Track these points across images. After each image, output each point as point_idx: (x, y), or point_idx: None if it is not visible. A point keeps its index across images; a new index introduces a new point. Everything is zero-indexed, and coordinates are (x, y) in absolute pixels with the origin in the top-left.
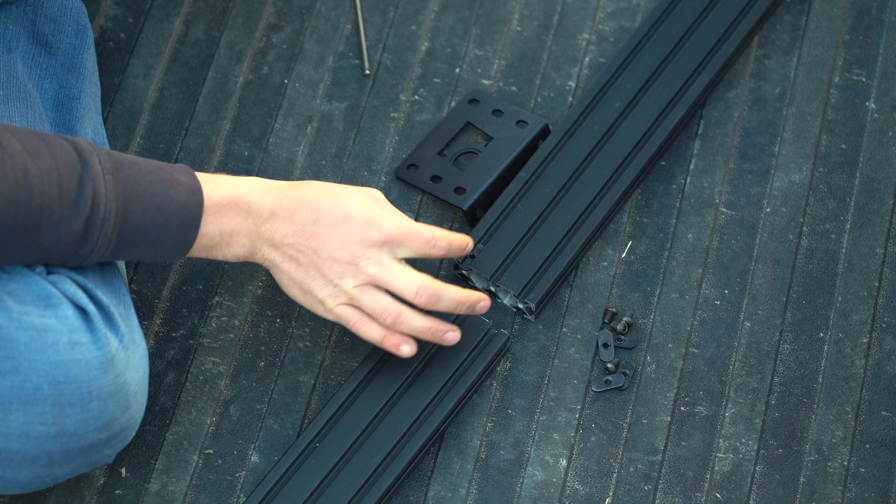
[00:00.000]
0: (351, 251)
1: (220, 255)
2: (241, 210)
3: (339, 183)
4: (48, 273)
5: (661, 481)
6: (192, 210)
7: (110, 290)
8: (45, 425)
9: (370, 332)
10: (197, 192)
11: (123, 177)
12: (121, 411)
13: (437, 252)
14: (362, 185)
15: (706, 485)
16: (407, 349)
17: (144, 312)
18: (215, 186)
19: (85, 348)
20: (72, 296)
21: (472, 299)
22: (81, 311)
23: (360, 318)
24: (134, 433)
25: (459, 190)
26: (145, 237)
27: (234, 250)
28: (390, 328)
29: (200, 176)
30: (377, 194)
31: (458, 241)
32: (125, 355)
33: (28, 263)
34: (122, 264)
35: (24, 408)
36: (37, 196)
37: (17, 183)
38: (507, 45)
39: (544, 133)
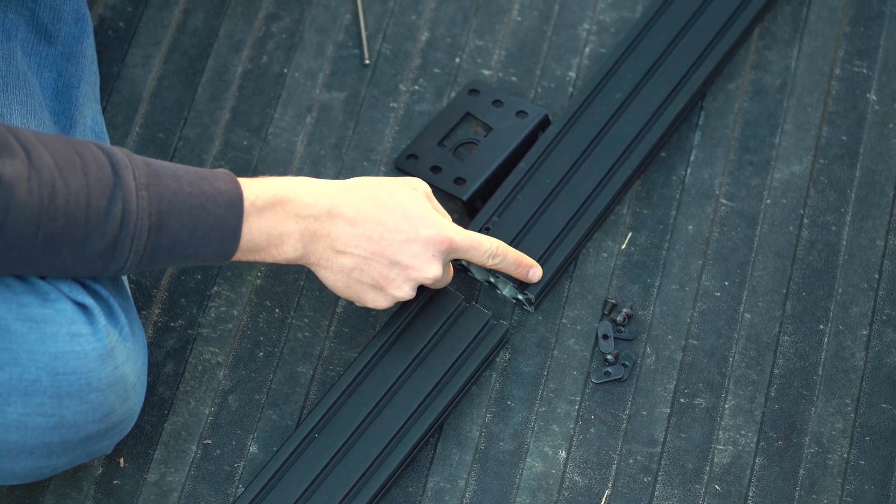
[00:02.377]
0: (423, 268)
1: (269, 257)
2: (290, 212)
3: (338, 175)
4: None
5: (660, 473)
6: (231, 222)
7: (109, 281)
8: (44, 416)
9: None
10: (237, 204)
11: (160, 190)
12: (120, 402)
13: (491, 263)
14: (361, 175)
15: (705, 477)
16: None
17: (143, 302)
18: (259, 190)
19: (84, 340)
20: (68, 292)
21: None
22: (80, 305)
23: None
24: (133, 424)
25: (459, 181)
26: (182, 250)
27: (286, 253)
28: None
29: (243, 181)
30: (426, 188)
31: (525, 262)
32: (124, 347)
33: (53, 276)
34: None
35: (23, 399)
36: (61, 217)
37: (42, 204)
38: (508, 35)
39: (544, 124)
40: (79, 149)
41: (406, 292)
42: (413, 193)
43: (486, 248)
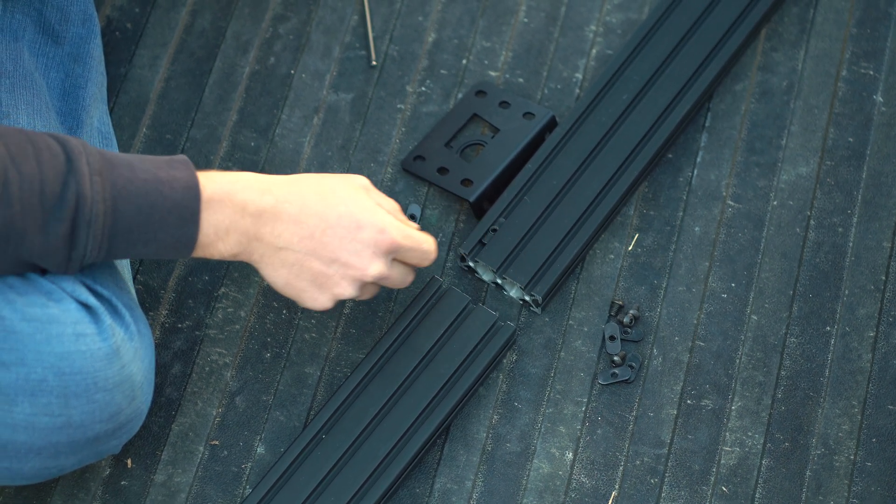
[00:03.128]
0: (363, 265)
1: (215, 252)
2: (237, 207)
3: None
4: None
5: (667, 474)
6: (189, 206)
7: (113, 280)
8: (51, 416)
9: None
10: (193, 188)
11: (114, 176)
12: (127, 402)
13: (424, 265)
14: (368, 175)
15: (712, 478)
16: None
17: (150, 303)
18: (207, 181)
19: (90, 339)
20: (72, 292)
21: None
22: (84, 305)
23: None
24: (140, 424)
25: (466, 182)
26: (141, 235)
27: (230, 247)
28: None
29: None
30: (367, 183)
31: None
32: (131, 346)
33: (21, 272)
34: None
35: (30, 399)
36: (17, 204)
37: None
38: (515, 36)
39: (551, 125)
40: (32, 138)
41: (348, 291)
42: (357, 190)
43: (426, 250)
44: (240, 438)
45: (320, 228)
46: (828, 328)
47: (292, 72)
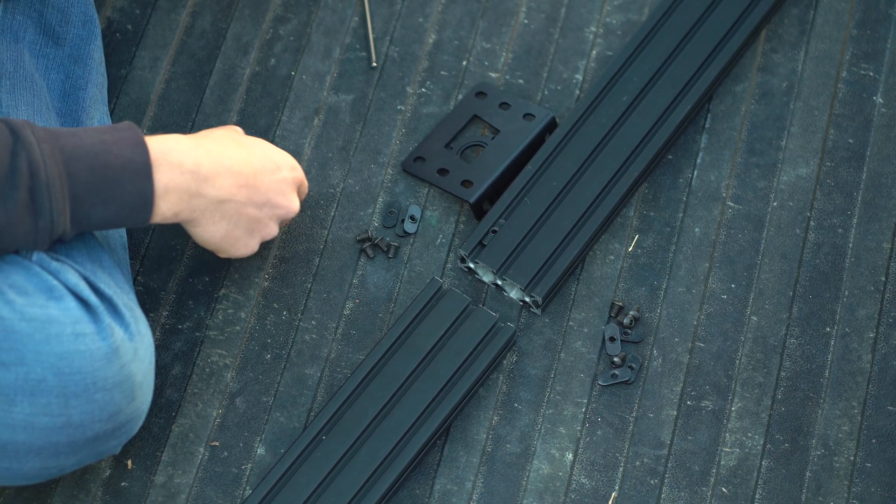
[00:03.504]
0: (288, 201)
1: (157, 214)
2: (174, 166)
3: (346, 177)
4: (51, 260)
5: (667, 475)
6: (138, 161)
7: (113, 280)
8: (51, 416)
9: None
10: (140, 144)
11: (61, 143)
12: (126, 402)
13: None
14: (368, 177)
15: (712, 479)
16: None
17: (151, 304)
18: (151, 139)
19: (89, 339)
20: (74, 287)
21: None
22: (84, 302)
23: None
24: (140, 424)
25: (466, 183)
26: (100, 195)
27: (171, 207)
28: None
29: None
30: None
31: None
32: (130, 345)
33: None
34: (125, 255)
35: (30, 399)
36: None
37: None
38: (515, 37)
39: (551, 126)
40: None
41: (273, 230)
42: (246, 135)
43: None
44: (240, 439)
45: (252, 174)
46: (828, 329)
47: (293, 73)
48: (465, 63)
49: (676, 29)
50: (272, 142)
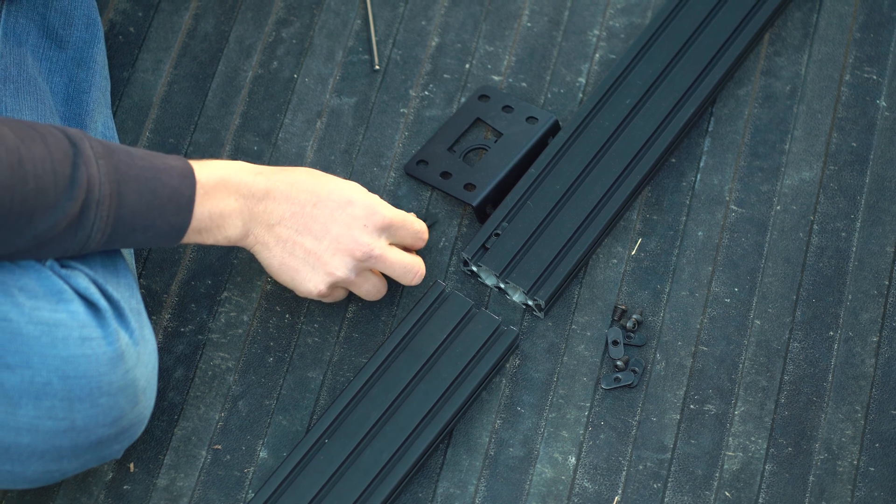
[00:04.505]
0: (354, 237)
1: (211, 238)
2: (231, 191)
3: (349, 179)
4: (61, 267)
5: (670, 479)
6: (185, 193)
7: (121, 285)
8: (55, 420)
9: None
10: (189, 176)
11: (115, 161)
12: (130, 406)
13: (419, 245)
14: (371, 180)
15: (715, 483)
16: None
17: (153, 307)
18: (201, 168)
19: (95, 343)
20: (83, 291)
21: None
22: (92, 306)
23: (341, 296)
24: (143, 429)
25: (469, 186)
26: (141, 221)
27: (227, 232)
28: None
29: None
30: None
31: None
32: (135, 350)
33: (24, 254)
34: (131, 259)
35: (34, 402)
36: (31, 181)
37: (12, 168)
38: (518, 40)
39: (554, 129)
40: (34, 125)
41: (340, 269)
42: (349, 182)
43: (418, 229)
44: (242, 443)
45: (311, 202)
46: (831, 333)
47: (295, 76)
48: (467, 66)
49: (679, 32)
50: (274, 144)
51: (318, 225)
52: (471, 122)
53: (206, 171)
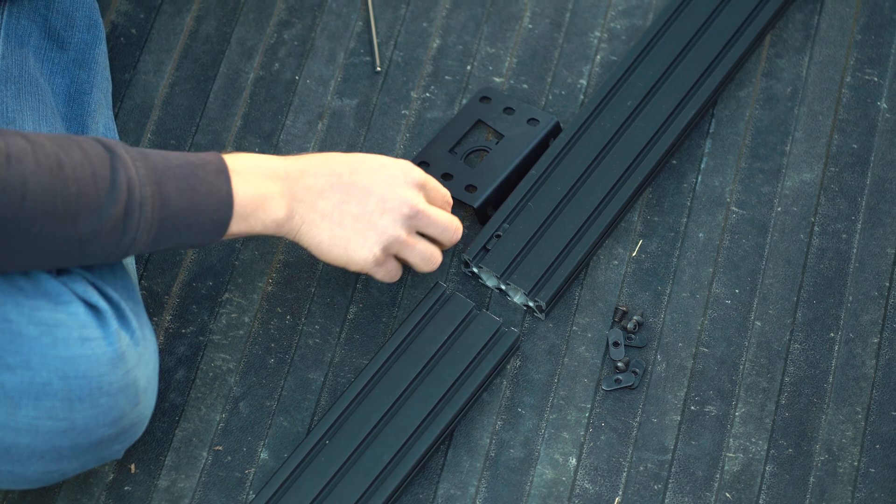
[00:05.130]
0: (398, 194)
1: (258, 224)
2: (267, 175)
3: None
4: (58, 272)
5: (670, 480)
6: (223, 187)
7: (121, 285)
8: (55, 420)
9: (396, 276)
10: (223, 171)
11: (152, 163)
12: (130, 407)
13: (446, 209)
14: None
15: (716, 484)
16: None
17: (154, 308)
18: (234, 159)
19: (95, 343)
20: (82, 294)
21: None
22: (92, 307)
23: (397, 271)
24: (143, 429)
25: (470, 188)
26: (184, 219)
27: (273, 214)
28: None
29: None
30: None
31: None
32: (135, 351)
33: (69, 258)
34: (130, 260)
35: (34, 403)
36: (72, 184)
37: (52, 172)
38: (519, 42)
39: (556, 131)
40: (68, 135)
41: (392, 228)
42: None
43: (444, 192)
44: (243, 444)
45: (347, 171)
46: (832, 334)
47: (297, 77)
48: (469, 68)
49: (681, 34)
50: (276, 146)
51: (359, 189)
52: (472, 123)
53: (240, 159)
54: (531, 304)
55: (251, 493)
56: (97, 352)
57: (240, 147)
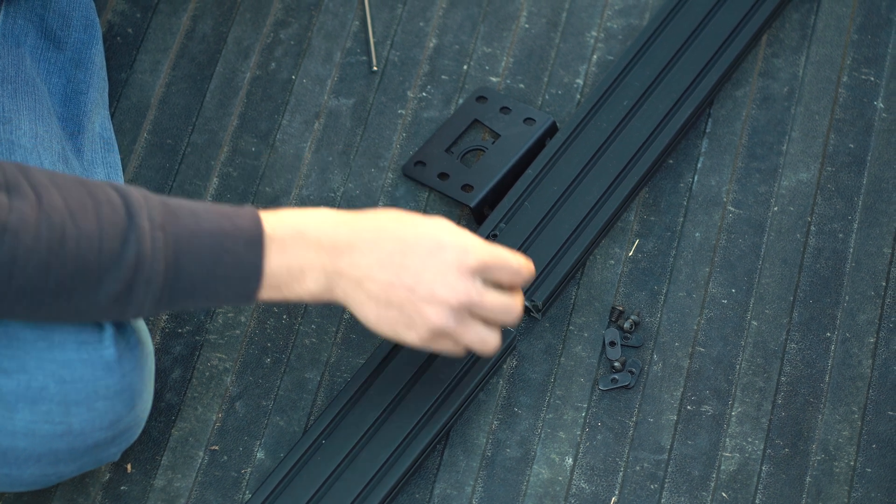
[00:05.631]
0: (450, 284)
1: (292, 294)
2: (311, 244)
3: (346, 181)
4: None
5: (667, 480)
6: (251, 260)
7: None
8: (52, 424)
9: (461, 353)
10: (257, 242)
11: (177, 230)
12: (127, 410)
13: (520, 281)
14: (369, 181)
15: (712, 484)
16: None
17: None
18: (278, 220)
19: (92, 347)
20: None
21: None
22: None
23: (462, 351)
24: (140, 431)
25: (467, 187)
26: (202, 291)
27: (308, 287)
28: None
29: (263, 214)
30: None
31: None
32: (132, 354)
33: (66, 321)
34: None
35: (31, 406)
36: (71, 262)
37: (51, 249)
38: (515, 42)
39: (552, 131)
40: (93, 191)
41: (440, 318)
42: (437, 219)
43: (517, 267)
44: (240, 443)
45: (399, 251)
46: (828, 334)
47: (293, 77)
48: (465, 67)
49: (677, 33)
50: (272, 146)
51: (409, 274)
52: (468, 123)
53: (284, 223)
54: (528, 303)
55: (247, 493)
56: (93, 355)
57: (236, 147)
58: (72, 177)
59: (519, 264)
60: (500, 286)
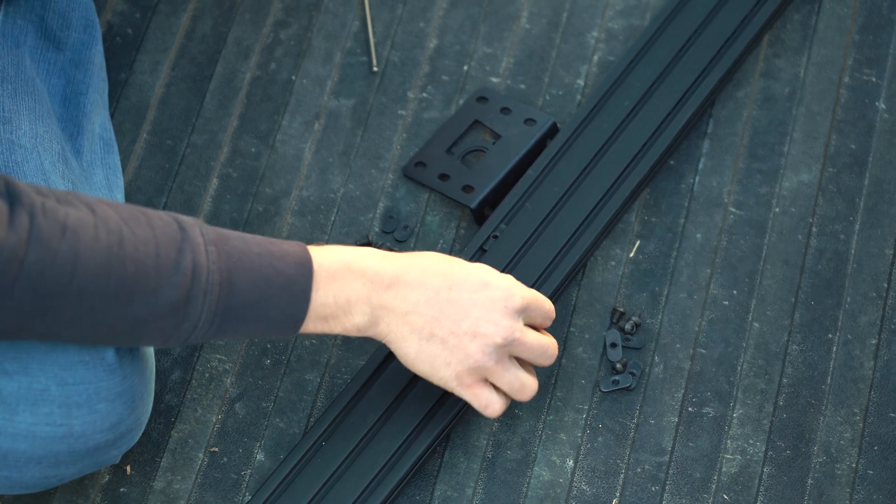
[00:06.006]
0: (495, 321)
1: (338, 326)
2: (357, 275)
3: (346, 182)
4: None
5: (668, 482)
6: (300, 282)
7: None
8: (53, 426)
9: (498, 409)
10: (306, 264)
11: (228, 248)
12: (128, 412)
13: (549, 324)
14: (369, 182)
15: (713, 486)
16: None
17: None
18: (325, 253)
19: (93, 350)
20: None
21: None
22: None
23: (496, 401)
24: (140, 433)
25: (467, 188)
26: (253, 311)
27: (354, 319)
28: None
29: (309, 247)
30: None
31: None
32: (133, 356)
33: (121, 338)
34: None
35: (32, 409)
36: (130, 264)
37: (111, 250)
38: (516, 42)
39: (553, 131)
40: (143, 209)
41: (480, 353)
42: (478, 264)
43: (549, 308)
44: (239, 445)
45: (446, 286)
46: (830, 336)
47: (293, 77)
48: (466, 68)
49: (678, 34)
50: (272, 146)
51: (455, 309)
52: (469, 123)
53: (330, 255)
54: None
55: (247, 495)
56: (95, 358)
57: (236, 147)
58: (123, 203)
59: (551, 307)
60: (534, 328)
